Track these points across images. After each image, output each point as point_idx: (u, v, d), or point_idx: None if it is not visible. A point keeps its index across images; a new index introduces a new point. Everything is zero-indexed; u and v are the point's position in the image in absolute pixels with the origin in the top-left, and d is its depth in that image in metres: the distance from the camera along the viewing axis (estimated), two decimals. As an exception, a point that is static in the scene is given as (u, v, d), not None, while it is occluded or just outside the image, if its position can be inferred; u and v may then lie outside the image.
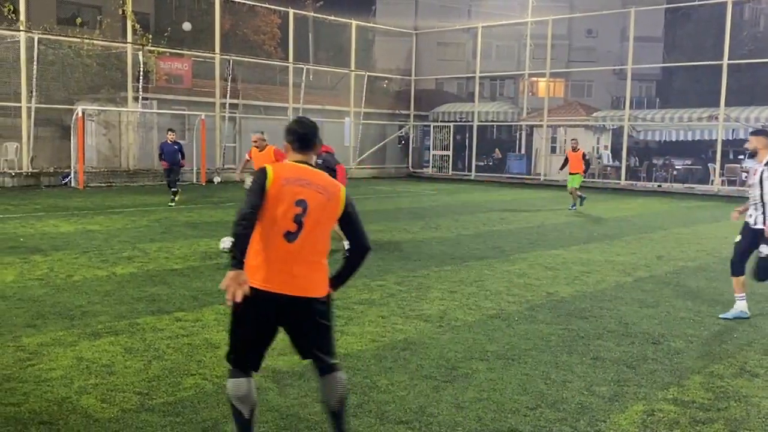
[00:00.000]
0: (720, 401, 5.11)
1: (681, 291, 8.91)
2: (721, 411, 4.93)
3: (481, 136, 34.41)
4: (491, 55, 43.02)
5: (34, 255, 10.14)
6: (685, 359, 6.09)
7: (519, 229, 14.91)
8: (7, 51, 22.95)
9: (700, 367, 5.88)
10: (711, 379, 5.59)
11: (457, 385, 5.28)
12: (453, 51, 45.14)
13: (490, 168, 34.30)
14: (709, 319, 7.47)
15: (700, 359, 6.11)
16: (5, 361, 5.50)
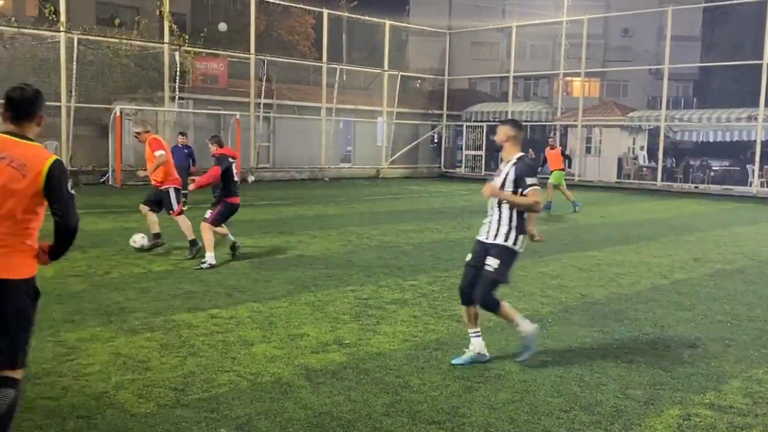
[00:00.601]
0: (759, 407, 5.02)
1: (718, 294, 8.76)
2: (760, 417, 4.84)
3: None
4: (525, 55, 42.70)
5: (72, 252, 10.30)
6: (722, 363, 5.98)
7: (552, 230, 14.78)
8: (47, 51, 23.42)
9: (738, 372, 5.78)
10: (749, 383, 5.49)
11: (490, 386, 5.26)
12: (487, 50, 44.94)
13: (523, 168, 33.98)
14: (747, 323, 7.33)
15: (737, 363, 6.00)
16: (45, 356, 5.63)
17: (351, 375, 5.40)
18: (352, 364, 5.67)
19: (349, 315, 7.21)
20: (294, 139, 29.38)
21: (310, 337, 6.36)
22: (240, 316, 7.02)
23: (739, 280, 9.73)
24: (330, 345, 6.15)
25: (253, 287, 8.39)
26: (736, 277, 9.89)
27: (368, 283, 8.81)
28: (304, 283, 8.65)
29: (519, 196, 5.67)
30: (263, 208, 17.27)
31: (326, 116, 30.30)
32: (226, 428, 4.37)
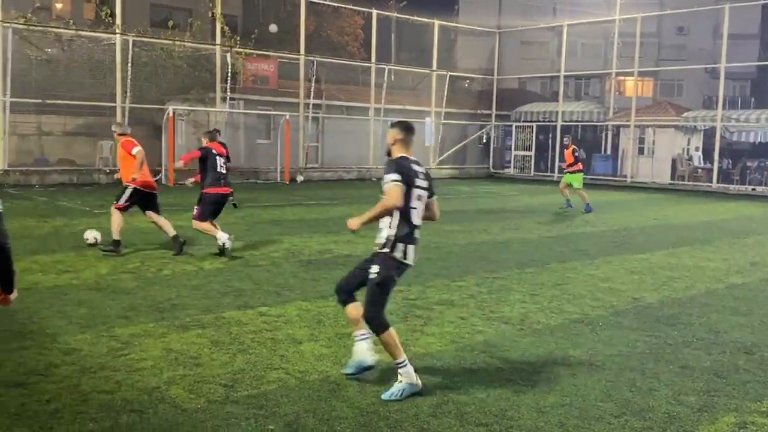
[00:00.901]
0: (820, 417, 4.84)
1: (777, 300, 8.49)
2: (821, 427, 4.67)
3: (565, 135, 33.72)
4: (576, 54, 42.09)
5: (126, 249, 10.58)
6: (781, 371, 5.80)
7: (603, 231, 14.54)
8: (103, 53, 24.03)
9: (798, 381, 5.59)
10: (810, 393, 5.31)
11: (539, 390, 5.20)
12: (537, 50, 44.44)
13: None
14: (808, 330, 7.09)
15: (797, 372, 5.81)
16: (100, 350, 5.77)
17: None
18: (399, 364, 5.65)
19: (395, 315, 7.20)
20: (342, 139, 29.54)
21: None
22: (288, 315, 7.09)
23: (799, 285, 9.41)
24: (377, 345, 6.15)
25: (302, 286, 8.46)
26: (796, 283, 9.57)
27: (415, 283, 8.79)
28: (351, 283, 8.67)
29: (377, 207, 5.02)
30: (312, 208, 17.40)
31: (374, 116, 30.38)
32: (275, 425, 4.42)
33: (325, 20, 38.12)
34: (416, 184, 5.14)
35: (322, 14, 36.72)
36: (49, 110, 25.05)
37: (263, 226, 13.62)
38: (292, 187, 24.07)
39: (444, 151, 33.14)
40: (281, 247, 11.17)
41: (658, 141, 31.04)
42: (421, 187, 5.18)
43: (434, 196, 5.39)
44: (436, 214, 5.49)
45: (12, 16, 21.63)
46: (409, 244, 5.15)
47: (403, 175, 5.05)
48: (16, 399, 4.69)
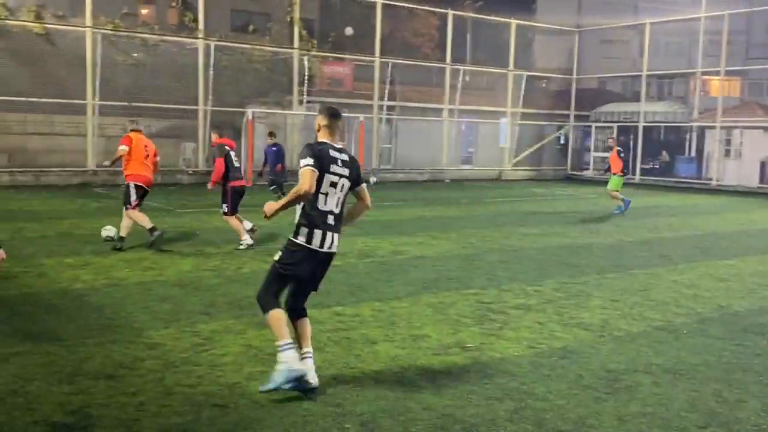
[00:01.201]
0: None
1: None
2: None
3: (647, 137, 32.75)
4: (659, 53, 40.79)
5: (207, 247, 10.88)
6: None
7: (688, 236, 14.04)
8: (186, 57, 24.79)
9: None
10: None
11: (620, 398, 5.05)
12: (618, 48, 43.30)
13: (656, 171, 32.60)
14: None
15: None
16: (183, 345, 5.94)
17: (474, 379, 5.35)
18: (474, 367, 5.62)
19: (470, 318, 7.15)
20: (415, 140, 29.53)
21: (431, 339, 6.36)
22: (363, 315, 7.13)
23: None
24: (452, 347, 6.13)
25: (375, 286, 8.49)
26: None
27: (490, 286, 8.71)
28: (425, 284, 8.67)
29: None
30: (385, 209, 17.46)
31: (448, 117, 30.26)
32: (351, 424, 4.45)
33: (400, 22, 38.19)
34: (331, 170, 5.05)
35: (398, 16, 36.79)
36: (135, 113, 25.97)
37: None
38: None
39: (520, 152, 32.70)
40: (355, 248, 11.25)
41: (746, 143, 29.75)
42: (337, 174, 5.09)
43: (363, 184, 5.35)
44: (366, 201, 5.42)
45: (101, 23, 22.57)
46: (315, 229, 5.04)
47: (315, 160, 4.97)
48: (104, 391, 4.88)
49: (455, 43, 30.98)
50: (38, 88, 22.00)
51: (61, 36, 22.41)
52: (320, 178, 5.00)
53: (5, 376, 5.09)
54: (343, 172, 5.14)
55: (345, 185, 5.18)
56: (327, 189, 5.08)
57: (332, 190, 5.10)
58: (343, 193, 5.20)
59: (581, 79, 35.90)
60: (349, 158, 5.24)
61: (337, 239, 5.21)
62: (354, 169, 5.24)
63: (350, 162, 5.23)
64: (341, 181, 5.14)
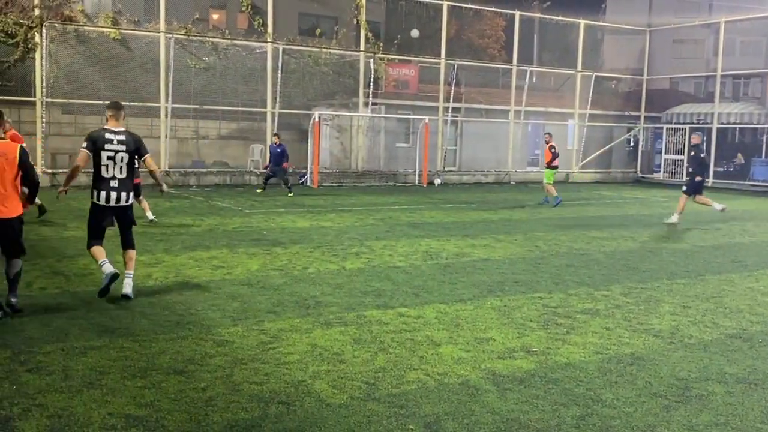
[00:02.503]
0: None
1: None
2: None
3: (722, 139, 31.67)
4: (734, 52, 39.42)
5: (275, 247, 11.07)
6: None
7: (764, 241, 13.52)
8: (255, 61, 25.29)
9: None
10: None
11: (691, 407, 4.91)
12: (690, 48, 42.08)
13: (731, 174, 31.49)
14: None
15: None
16: (250, 343, 6.07)
17: (539, 383, 5.29)
18: (540, 372, 5.55)
19: (536, 322, 7.07)
20: (481, 142, 29.32)
21: (496, 342, 6.32)
22: (427, 317, 7.13)
23: None
24: (517, 351, 6.07)
25: (439, 288, 8.48)
26: None
27: (557, 290, 8.58)
28: (490, 287, 8.61)
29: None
30: (449, 211, 17.41)
31: (514, 119, 29.94)
32: (415, 425, 4.46)
33: (466, 23, 38.01)
34: (105, 147, 7.17)
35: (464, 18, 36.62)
36: (206, 115, 26.70)
37: (402, 228, 13.79)
38: (429, 190, 24.20)
39: (588, 154, 32.08)
40: (419, 249, 11.26)
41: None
42: (112, 150, 7.20)
43: (146, 155, 7.46)
44: (151, 169, 7.64)
45: (174, 28, 23.24)
46: (100, 190, 7.24)
47: (89, 142, 7.21)
48: (175, 385, 5.03)
49: (522, 44, 30.62)
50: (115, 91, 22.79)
51: (136, 41, 23.17)
52: (97, 155, 7.18)
53: (83, 369, 5.30)
54: (118, 148, 7.24)
55: (124, 157, 7.28)
56: (106, 162, 7.22)
57: (111, 162, 7.23)
58: (124, 163, 7.29)
59: (652, 79, 34.98)
60: (126, 137, 7.32)
61: (125, 195, 7.36)
62: (131, 144, 7.33)
63: (126, 140, 7.30)
64: (118, 154, 7.24)
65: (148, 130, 25.03)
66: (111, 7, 23.85)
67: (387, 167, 27.48)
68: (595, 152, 32.35)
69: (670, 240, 13.38)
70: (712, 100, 32.77)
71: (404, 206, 18.33)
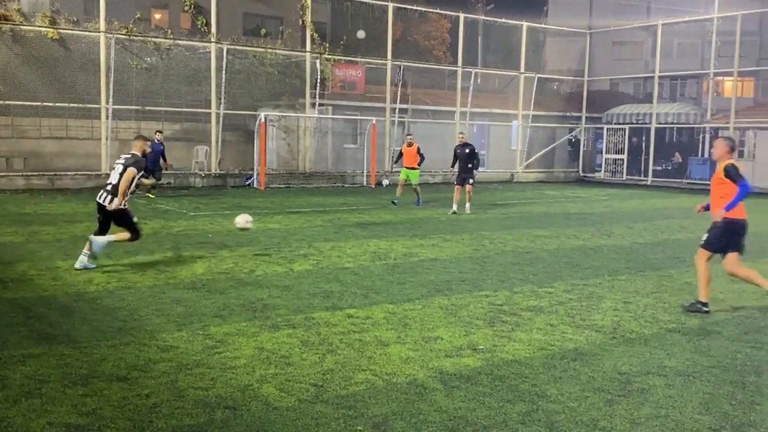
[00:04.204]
0: None
1: None
2: None
3: (660, 139, 32.62)
4: (672, 54, 40.63)
5: (221, 250, 10.93)
6: None
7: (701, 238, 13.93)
8: (199, 61, 24.95)
9: None
10: None
11: (632, 401, 5.04)
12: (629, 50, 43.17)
13: (668, 173, 32.45)
14: None
15: None
16: (196, 348, 5.98)
17: (486, 381, 5.35)
18: (486, 369, 5.62)
19: (482, 320, 7.15)
20: (428, 143, 29.44)
21: (444, 341, 6.36)
22: (375, 317, 7.14)
23: None
24: (464, 349, 6.13)
25: (388, 289, 8.51)
26: None
27: (502, 288, 8.70)
28: (437, 287, 8.67)
29: None
30: (397, 212, 17.49)
31: (460, 120, 30.24)
32: (363, 426, 4.46)
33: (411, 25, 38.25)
34: (113, 165, 9.46)
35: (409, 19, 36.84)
36: (148, 116, 26.18)
37: (350, 229, 13.78)
38: (377, 191, 24.25)
39: (531, 154, 32.62)
40: (368, 250, 11.27)
41: (760, 144, 29.56)
42: (115, 165, 9.40)
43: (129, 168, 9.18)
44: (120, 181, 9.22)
45: (114, 27, 22.75)
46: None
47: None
48: (118, 392, 4.92)
49: (467, 46, 30.97)
50: (53, 92, 22.19)
51: (76, 41, 22.60)
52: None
53: (21, 378, 5.14)
54: (118, 163, 9.35)
55: (119, 170, 9.20)
56: (111, 173, 9.43)
57: (113, 173, 9.29)
58: (117, 173, 9.18)
59: (593, 81, 35.79)
60: (125, 159, 9.36)
61: (106, 198, 9.15)
62: (126, 163, 9.27)
63: (125, 160, 9.32)
64: (117, 168, 9.27)
65: (89, 132, 24.43)
66: (49, 6, 23.20)
67: (335, 168, 27.44)
68: (539, 152, 32.94)
69: (612, 237, 13.70)
70: (650, 101, 33.73)
71: (352, 207, 18.33)
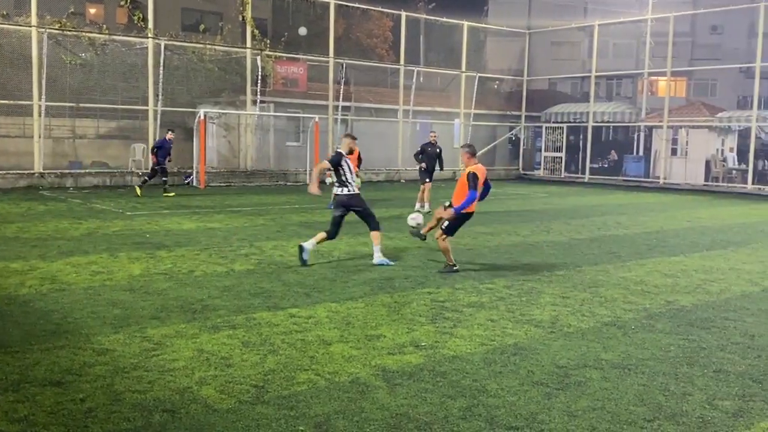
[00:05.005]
0: None
1: (815, 303, 8.31)
2: None
3: (596, 137, 33.41)
4: (608, 54, 41.65)
5: (159, 250, 10.71)
6: (820, 377, 5.67)
7: (636, 234, 14.36)
8: (136, 57, 24.37)
9: (838, 386, 5.46)
10: None
11: (570, 393, 5.14)
12: (567, 50, 44.07)
13: (605, 170, 33.27)
14: None
15: (837, 377, 5.68)
16: (132, 351, 5.84)
17: (428, 377, 5.38)
18: (428, 366, 5.65)
19: (425, 317, 7.19)
20: (371, 141, 29.53)
21: (386, 338, 6.38)
22: (318, 316, 7.11)
23: (839, 288, 9.20)
24: (406, 346, 6.16)
25: (331, 288, 8.48)
26: (835, 286, 9.36)
27: (445, 285, 8.77)
28: (380, 285, 8.69)
29: None
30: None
31: (403, 118, 30.37)
32: (305, 426, 4.43)
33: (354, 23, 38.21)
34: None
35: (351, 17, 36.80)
36: (83, 114, 25.48)
37: (293, 228, 13.69)
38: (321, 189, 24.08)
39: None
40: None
41: (692, 142, 30.58)
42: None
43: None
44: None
45: (47, 22, 22.03)
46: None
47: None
48: (51, 398, 4.77)
49: (409, 45, 31.11)
50: (-19, 88, 21.37)
51: (5, 35, 21.80)
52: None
53: (-54, 386, 4.94)
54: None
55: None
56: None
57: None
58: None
59: (532, 80, 36.42)
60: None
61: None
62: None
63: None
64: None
65: (20, 129, 23.63)
66: (-24, -2, 22.33)
67: (277, 166, 27.21)
68: (480, 150, 33.30)
69: (551, 234, 13.97)
70: (587, 100, 34.51)
71: (295, 206, 18.20)
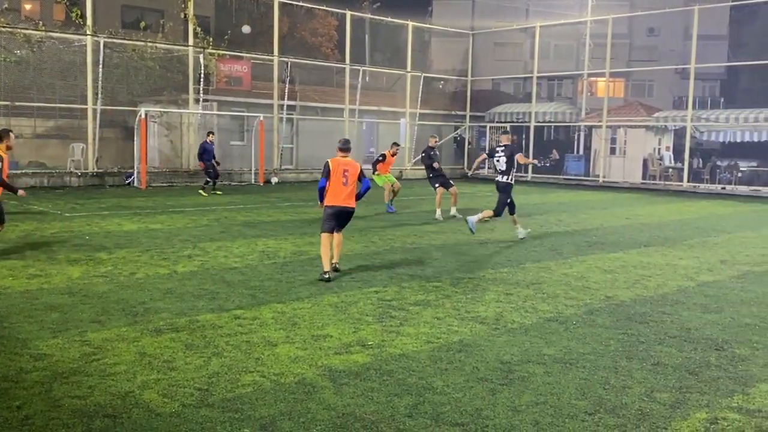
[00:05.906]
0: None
1: (746, 296, 8.63)
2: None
3: (538, 136, 34.01)
4: (549, 55, 42.43)
5: (99, 252, 10.46)
6: (750, 366, 5.90)
7: (577, 231, 14.67)
8: (74, 54, 23.72)
9: (766, 375, 5.69)
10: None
11: (514, 389, 5.23)
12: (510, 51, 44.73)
13: (547, 169, 33.90)
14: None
15: (766, 367, 5.91)
16: (72, 355, 5.69)
17: (374, 376, 5.40)
18: (375, 365, 5.67)
19: (372, 316, 7.21)
20: (317, 140, 29.45)
21: (333, 338, 6.37)
22: (263, 317, 7.05)
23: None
24: (353, 346, 6.16)
25: (277, 288, 8.42)
26: (765, 280, 9.75)
27: (391, 284, 8.81)
28: (327, 285, 8.66)
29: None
30: (286, 210, 17.34)
31: (349, 117, 30.35)
32: (250, 428, 4.39)
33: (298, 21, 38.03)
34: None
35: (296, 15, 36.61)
36: (19, 113, 24.68)
37: (238, 228, 13.54)
38: (266, 189, 23.95)
39: (419, 151, 33.15)
40: (256, 249, 11.11)
41: (630, 141, 31.41)
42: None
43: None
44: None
45: (-21, 17, 21.28)
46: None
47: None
48: (-15, 406, 4.61)
49: (354, 44, 31.10)
50: None
51: (-66, 30, 20.98)
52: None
53: None
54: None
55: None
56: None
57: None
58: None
59: (476, 80, 36.84)
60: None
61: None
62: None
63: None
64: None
65: (-49, 128, 22.70)
66: None
67: (221, 166, 26.80)
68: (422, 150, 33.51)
69: (495, 232, 14.16)
70: (529, 101, 35.09)
71: (240, 206, 18.00)
